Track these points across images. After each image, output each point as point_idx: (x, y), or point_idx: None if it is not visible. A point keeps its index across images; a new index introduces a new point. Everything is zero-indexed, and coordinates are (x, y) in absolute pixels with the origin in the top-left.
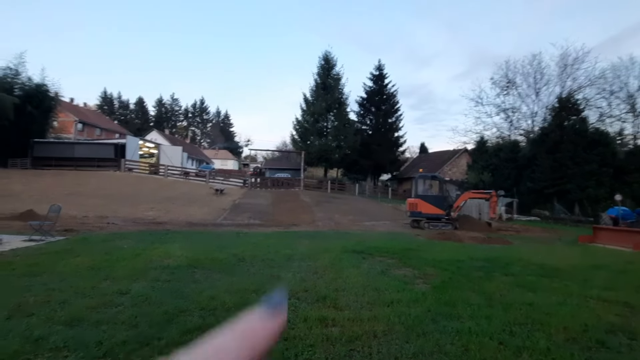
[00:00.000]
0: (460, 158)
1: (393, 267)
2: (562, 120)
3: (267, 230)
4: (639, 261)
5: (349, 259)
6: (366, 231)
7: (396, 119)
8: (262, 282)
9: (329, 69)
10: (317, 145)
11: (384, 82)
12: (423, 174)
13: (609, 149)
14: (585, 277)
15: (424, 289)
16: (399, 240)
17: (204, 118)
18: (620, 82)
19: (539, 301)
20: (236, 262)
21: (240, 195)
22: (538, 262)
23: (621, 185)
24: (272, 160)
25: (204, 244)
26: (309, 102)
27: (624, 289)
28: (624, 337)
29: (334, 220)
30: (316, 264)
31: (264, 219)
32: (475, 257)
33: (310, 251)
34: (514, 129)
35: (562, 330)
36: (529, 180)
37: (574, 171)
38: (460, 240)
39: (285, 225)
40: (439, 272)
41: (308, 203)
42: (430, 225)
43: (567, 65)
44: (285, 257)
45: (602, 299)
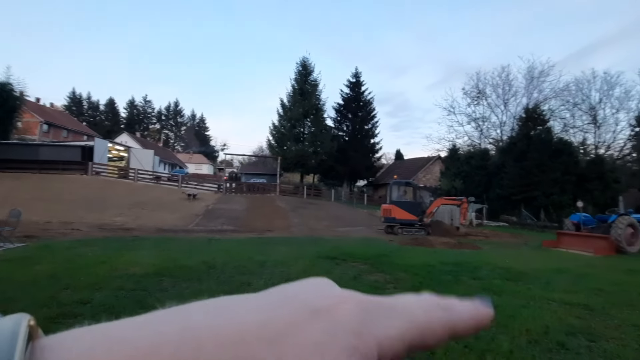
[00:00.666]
0: (433, 165)
1: (365, 272)
2: (528, 130)
3: (240, 237)
4: (598, 265)
5: (323, 265)
6: (341, 237)
7: (372, 125)
8: (232, 290)
9: (306, 75)
10: (294, 150)
11: (361, 89)
12: (397, 180)
13: (571, 158)
14: (548, 280)
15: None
16: (372, 246)
17: (178, 121)
18: (583, 94)
19: (503, 304)
20: (206, 270)
21: (214, 200)
22: (504, 266)
23: (583, 192)
24: (248, 165)
25: (174, 251)
26: (286, 108)
27: (583, 291)
28: (584, 339)
29: (309, 226)
30: (289, 270)
31: (238, 224)
32: (445, 262)
33: (284, 258)
34: (484, 138)
35: (525, 333)
36: (498, 187)
37: (539, 179)
38: (432, 245)
39: (260, 231)
40: (410, 277)
41: (284, 209)
42: (404, 231)
43: (533, 78)
44: (258, 263)
45: (563, 302)
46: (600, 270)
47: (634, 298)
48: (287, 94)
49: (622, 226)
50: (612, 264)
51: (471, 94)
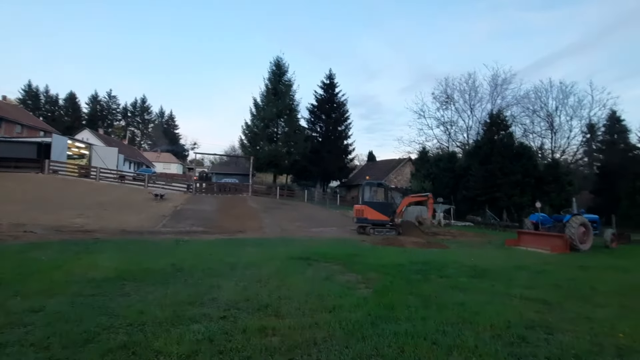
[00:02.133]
0: (404, 167)
1: (338, 273)
2: (492, 134)
3: (211, 238)
4: (554, 262)
5: (295, 266)
6: (314, 237)
7: (346, 127)
8: (201, 293)
9: (280, 75)
10: (267, 150)
11: (335, 91)
12: (369, 181)
13: (531, 161)
14: (509, 277)
15: (365, 294)
16: (345, 246)
17: (146, 118)
18: (541, 102)
19: (469, 301)
20: (173, 273)
21: (183, 200)
22: (470, 264)
23: (541, 194)
24: (220, 165)
25: (138, 254)
26: (259, 107)
27: (542, 287)
28: (542, 332)
29: (282, 227)
30: (260, 272)
31: (208, 225)
32: (415, 261)
33: (255, 259)
34: (452, 141)
35: (489, 328)
36: (464, 188)
37: (502, 181)
38: (403, 245)
39: (231, 232)
40: (381, 277)
41: (256, 209)
42: (376, 231)
43: (497, 85)
44: (228, 265)
45: (523, 297)
46: (556, 267)
47: (586, 292)
48: (260, 94)
49: (575, 225)
50: (567, 260)
51: (440, 99)
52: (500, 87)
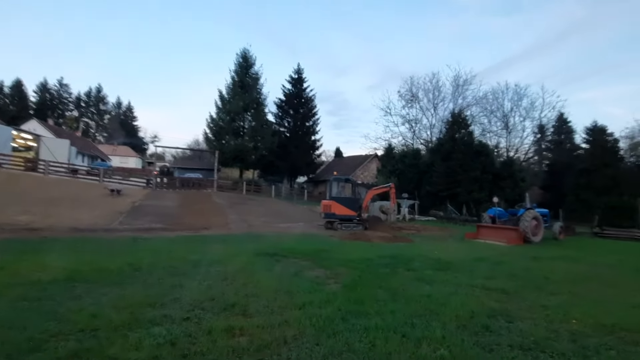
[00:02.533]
0: (371, 163)
1: (306, 268)
2: (454, 133)
3: (172, 235)
4: (510, 253)
5: (262, 262)
6: (281, 233)
7: (313, 122)
8: (161, 294)
9: (247, 68)
10: (233, 145)
11: (303, 86)
12: (337, 177)
13: (489, 159)
14: (471, 268)
15: (335, 289)
16: (313, 241)
17: (101, 109)
18: (498, 103)
19: (435, 293)
20: (130, 272)
21: (142, 196)
22: (434, 257)
23: (497, 189)
24: (183, 160)
25: (91, 253)
26: (225, 100)
27: (501, 277)
28: (503, 321)
29: (248, 223)
30: (226, 269)
31: (169, 222)
32: (382, 255)
33: (220, 256)
34: (417, 139)
35: (454, 319)
36: (428, 184)
37: (462, 177)
38: (370, 239)
39: (195, 229)
40: (349, 271)
41: (221, 205)
42: (343, 226)
43: (458, 85)
44: (191, 263)
45: (485, 288)
46: (512, 258)
47: (540, 281)
48: (226, 86)
49: (528, 219)
50: (521, 252)
51: (405, 97)
52: (461, 87)
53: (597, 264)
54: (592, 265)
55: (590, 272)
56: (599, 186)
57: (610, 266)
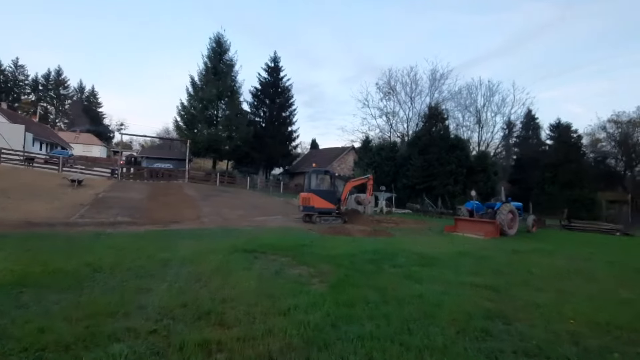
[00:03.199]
0: (348, 155)
1: (287, 266)
2: (431, 126)
3: (139, 230)
4: (490, 247)
5: (239, 259)
6: (258, 227)
7: (290, 113)
8: (124, 300)
9: (221, 53)
10: (206, 134)
11: (279, 75)
12: (316, 169)
13: (464, 152)
14: (456, 264)
15: (321, 290)
16: (292, 236)
17: (61, 93)
18: (472, 98)
19: (426, 292)
20: (89, 274)
21: (106, 187)
22: (417, 252)
23: (471, 183)
24: (152, 149)
25: (46, 251)
26: (197, 87)
27: (486, 273)
28: (500, 323)
29: (222, 216)
30: (200, 268)
31: (136, 215)
32: (365, 250)
33: (193, 253)
34: (394, 131)
35: (452, 322)
36: (404, 177)
37: (438, 170)
38: (350, 234)
39: (164, 222)
40: (334, 269)
41: (193, 197)
42: (322, 220)
43: (435, 80)
44: (160, 262)
45: (474, 285)
46: (493, 252)
47: (525, 277)
48: (198, 72)
49: (505, 212)
50: (500, 245)
51: (383, 89)
52: (438, 81)
53: (573, 257)
54: (569, 258)
55: (569, 266)
56: (563, 181)
57: (585, 259)
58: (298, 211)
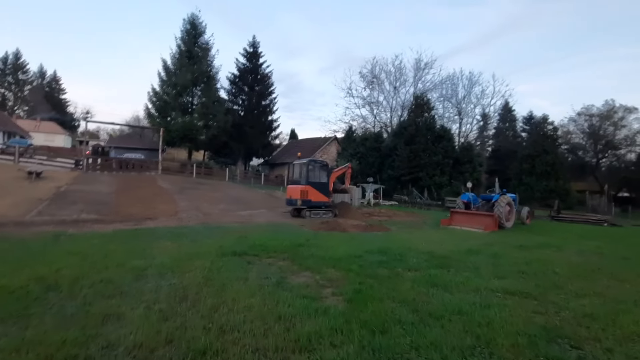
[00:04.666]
0: (330, 145)
1: (289, 272)
2: (417, 116)
3: (108, 229)
4: (496, 242)
5: (231, 266)
6: (244, 223)
7: (270, 101)
8: (86, 336)
9: (195, 36)
10: (180, 122)
11: (259, 61)
12: (313, 160)
13: (450, 143)
14: (473, 265)
15: (339, 306)
16: (283, 233)
17: (20, 78)
18: (453, 90)
19: (462, 305)
20: (42, 294)
21: (69, 180)
22: (425, 251)
23: (457, 174)
24: (121, 138)
25: None
26: (171, 72)
27: (510, 275)
28: (568, 346)
29: (202, 211)
30: (184, 281)
31: (104, 212)
32: (369, 250)
33: (174, 259)
34: (377, 122)
35: (514, 350)
36: (390, 168)
37: (425, 161)
38: (345, 229)
39: (137, 220)
40: (343, 275)
41: (168, 190)
42: (312, 214)
43: (419, 69)
44: (134, 273)
45: (506, 292)
46: (502, 249)
47: (552, 278)
48: (171, 56)
49: (503, 205)
50: (504, 240)
51: (367, 78)
52: (422, 71)
53: (584, 253)
54: (580, 254)
55: (587, 264)
56: (540, 171)
57: (597, 254)
58: (284, 205)
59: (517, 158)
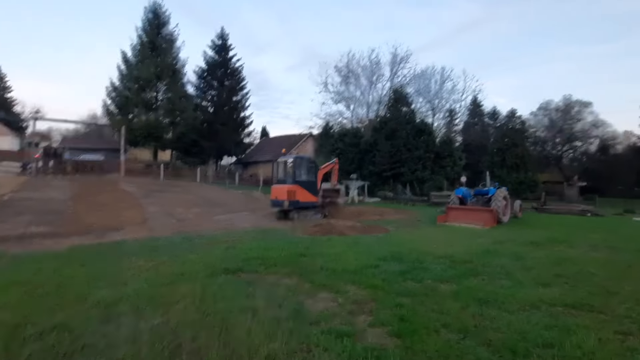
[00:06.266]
0: (306, 143)
1: (301, 293)
2: (397, 110)
3: (62, 246)
4: (505, 240)
5: (228, 290)
6: (227, 230)
7: (242, 97)
8: None
9: (159, 26)
10: (144, 120)
11: (229, 54)
12: (300, 156)
13: (431, 137)
14: (502, 269)
15: (389, 346)
16: (277, 240)
17: None
18: (426, 85)
19: (539, 332)
20: None
21: (15, 186)
22: (440, 254)
23: (439, 168)
24: (77, 139)
25: None
26: (131, 65)
27: (551, 281)
28: None
29: (175, 217)
30: (171, 319)
31: (57, 223)
32: (381, 257)
33: (151, 285)
34: (353, 117)
35: None
36: (371, 164)
37: (406, 156)
38: (343, 232)
39: (99, 231)
40: (370, 294)
41: (134, 194)
42: (301, 216)
43: (395, 64)
44: (99, 311)
45: (565, 305)
46: (517, 247)
47: (594, 281)
48: (132, 47)
49: (500, 199)
50: (512, 237)
51: (342, 73)
52: (398, 66)
53: (596, 247)
54: (595, 249)
55: (614, 260)
56: (510, 164)
57: (611, 248)
58: (266, 206)
59: (487, 152)
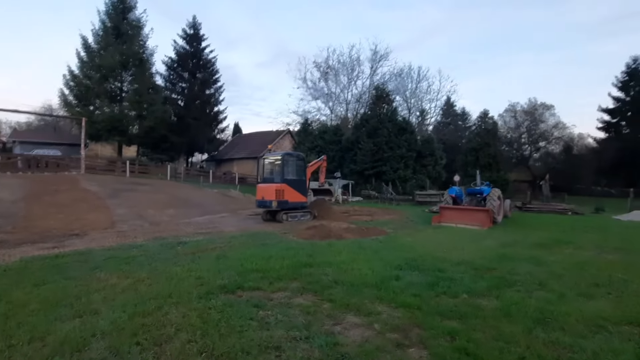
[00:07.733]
0: (284, 139)
1: (325, 317)
2: (378, 108)
3: (12, 258)
4: (512, 243)
5: (233, 316)
6: (210, 234)
7: (215, 90)
8: None
9: (124, 11)
10: (107, 112)
11: (201, 45)
12: (288, 152)
13: (413, 136)
14: (533, 278)
15: None
16: (271, 247)
17: None
18: (404, 85)
19: None
20: None
21: None
22: (458, 260)
23: (420, 167)
24: (29, 132)
25: None
26: (93, 52)
27: (595, 293)
28: None
29: (148, 219)
30: None
31: (6, 228)
32: (396, 265)
33: (132, 313)
34: (332, 114)
35: None
36: (352, 162)
37: (388, 154)
38: (340, 235)
39: (57, 237)
40: (408, 317)
41: (97, 194)
42: (289, 217)
43: (375, 61)
44: (54, 354)
45: (632, 324)
46: (527, 250)
47: (633, 289)
48: (93, 32)
49: (495, 198)
50: (514, 238)
51: (321, 69)
52: (377, 63)
53: (603, 249)
54: (602, 250)
55: (629, 263)
56: (483, 163)
57: (618, 250)
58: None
59: (460, 151)
